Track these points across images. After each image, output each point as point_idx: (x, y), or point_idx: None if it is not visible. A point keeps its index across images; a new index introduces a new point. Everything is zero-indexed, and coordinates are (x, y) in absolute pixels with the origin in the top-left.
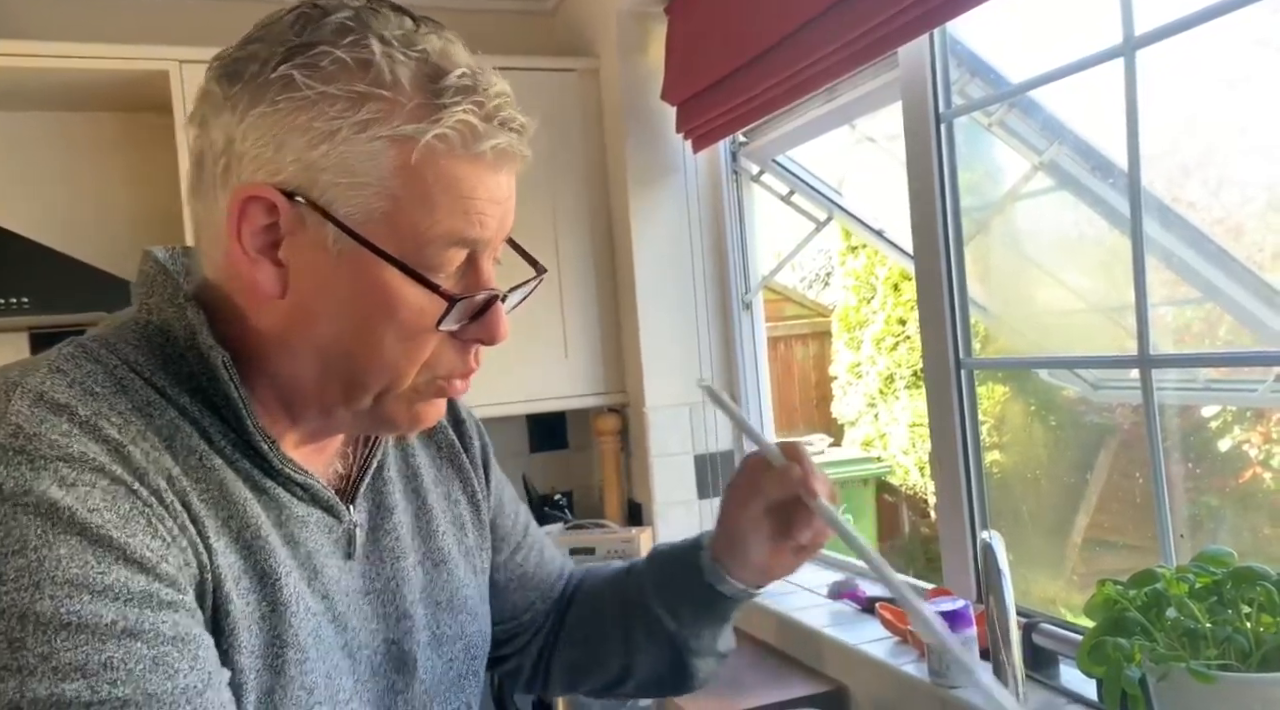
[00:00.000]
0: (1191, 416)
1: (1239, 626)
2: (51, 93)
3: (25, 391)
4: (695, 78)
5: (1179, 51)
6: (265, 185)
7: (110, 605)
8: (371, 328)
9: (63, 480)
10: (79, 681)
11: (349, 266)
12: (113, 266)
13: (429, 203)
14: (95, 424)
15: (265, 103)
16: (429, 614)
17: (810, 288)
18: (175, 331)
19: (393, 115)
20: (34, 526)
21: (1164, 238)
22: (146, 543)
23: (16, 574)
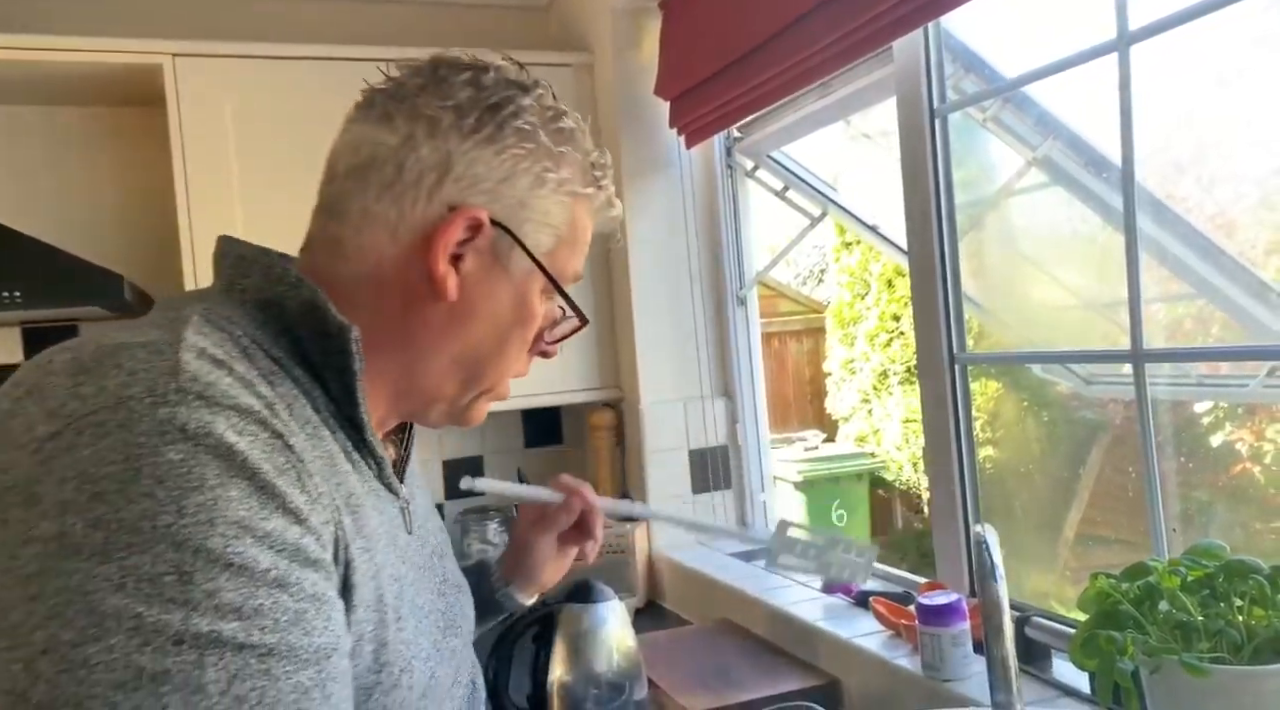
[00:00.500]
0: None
1: (1231, 619)
2: (43, 86)
3: (189, 345)
4: (689, 73)
5: (1173, 48)
6: (483, 209)
7: (267, 552)
8: (509, 335)
9: (234, 426)
10: (235, 622)
11: (515, 284)
12: (105, 260)
13: (574, 248)
14: (250, 381)
15: (498, 143)
16: (453, 594)
17: (805, 284)
18: (288, 306)
19: (575, 178)
20: (212, 466)
21: (1157, 233)
22: (299, 496)
23: (195, 509)
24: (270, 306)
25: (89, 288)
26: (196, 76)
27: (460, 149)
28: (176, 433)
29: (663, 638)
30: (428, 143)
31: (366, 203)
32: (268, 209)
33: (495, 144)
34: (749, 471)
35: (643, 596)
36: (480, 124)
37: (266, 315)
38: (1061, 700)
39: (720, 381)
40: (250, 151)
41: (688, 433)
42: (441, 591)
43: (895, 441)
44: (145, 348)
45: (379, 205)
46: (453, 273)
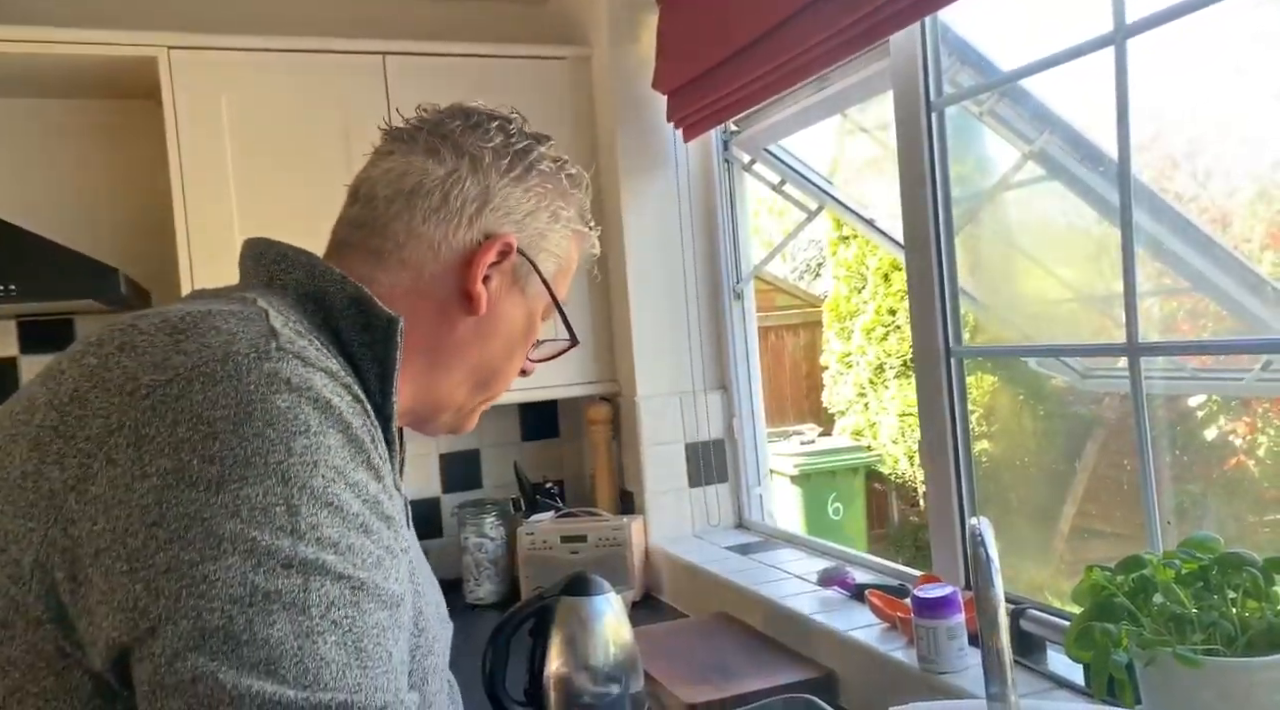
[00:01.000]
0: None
1: (1225, 612)
2: (39, 78)
3: (274, 316)
4: (686, 66)
5: (1170, 42)
6: (512, 236)
7: (355, 499)
8: (516, 349)
9: (327, 386)
10: (333, 555)
11: (527, 305)
12: (101, 254)
13: (567, 276)
14: (324, 354)
15: (526, 183)
16: (439, 592)
17: (801, 278)
18: (333, 300)
19: (576, 217)
20: (314, 415)
21: (1153, 228)
22: (375, 454)
23: (302, 450)
24: (313, 299)
25: (84, 282)
26: (192, 69)
27: (498, 185)
28: (282, 384)
29: (659, 631)
30: (471, 177)
31: (414, 224)
32: (263, 202)
33: (524, 183)
34: (745, 465)
35: (639, 590)
36: (513, 165)
37: (307, 308)
38: (1056, 692)
39: (717, 375)
40: (246, 144)
41: (684, 426)
42: (433, 584)
43: (891, 435)
44: (235, 315)
45: (425, 226)
46: (480, 286)
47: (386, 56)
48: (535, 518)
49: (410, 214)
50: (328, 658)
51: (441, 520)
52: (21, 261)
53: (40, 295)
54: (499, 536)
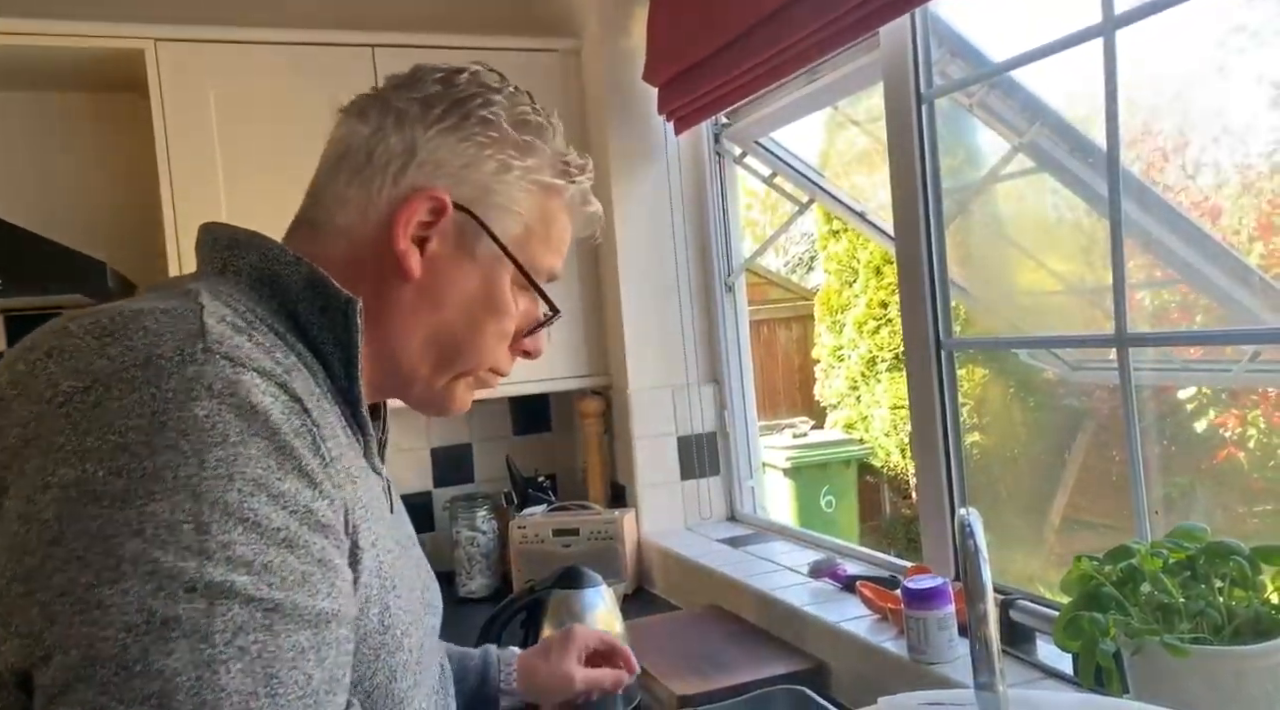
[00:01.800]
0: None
1: (1212, 601)
2: (25, 71)
3: (210, 311)
4: (677, 58)
5: (1158, 34)
6: (445, 191)
7: (279, 512)
8: (480, 321)
9: (258, 387)
10: (246, 575)
11: (483, 270)
12: (88, 247)
13: (548, 242)
14: (268, 348)
15: (462, 132)
16: (425, 576)
17: (794, 272)
18: (288, 283)
19: (544, 168)
20: (235, 424)
21: (1143, 219)
22: (314, 460)
23: (216, 463)
24: (269, 284)
25: (71, 275)
26: (179, 62)
27: (425, 137)
28: (203, 390)
29: (651, 623)
30: (396, 132)
31: (339, 188)
32: (251, 194)
33: (459, 132)
34: (737, 458)
35: (631, 582)
36: (445, 114)
37: (263, 293)
38: (1045, 681)
39: (709, 368)
40: (233, 136)
41: (676, 419)
42: (418, 572)
43: (883, 428)
44: (168, 313)
45: (350, 190)
46: (415, 252)
47: (375, 49)
48: (527, 511)
49: (337, 179)
50: (230, 688)
51: (433, 514)
52: (7, 256)
53: (27, 290)
54: (491, 530)
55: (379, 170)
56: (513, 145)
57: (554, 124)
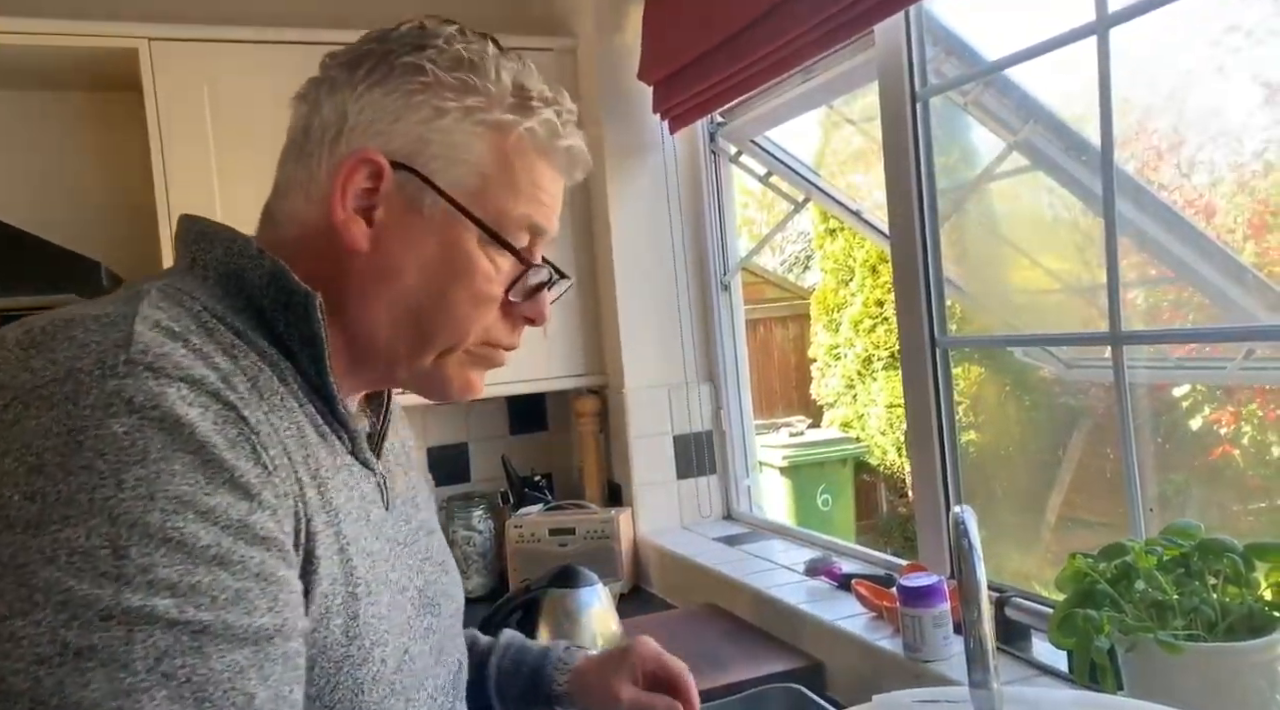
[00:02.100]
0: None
1: (1205, 597)
2: (18, 70)
3: (144, 318)
4: (672, 57)
5: (1152, 32)
6: (377, 151)
7: (209, 529)
8: (447, 288)
9: (184, 399)
10: (168, 599)
11: (438, 231)
12: (83, 247)
13: (513, 187)
14: (207, 353)
15: (387, 84)
16: (434, 573)
17: (790, 271)
18: (250, 278)
19: (492, 106)
20: (156, 439)
21: (1137, 217)
22: (251, 470)
23: (134, 483)
24: (233, 279)
25: (66, 275)
26: (173, 60)
27: (353, 99)
28: (122, 405)
29: (647, 622)
30: (328, 101)
31: (288, 172)
32: (246, 193)
33: (385, 85)
34: (734, 457)
35: (627, 581)
36: (371, 71)
37: (228, 288)
38: (1040, 679)
39: (705, 367)
40: (228, 136)
41: (672, 418)
42: (420, 569)
43: (880, 426)
44: (98, 320)
45: (297, 172)
46: (358, 222)
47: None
48: (523, 511)
49: (287, 164)
50: None
51: None
52: (2, 255)
53: (20, 289)
54: (487, 529)
55: (316, 145)
56: (448, 88)
57: (501, 58)
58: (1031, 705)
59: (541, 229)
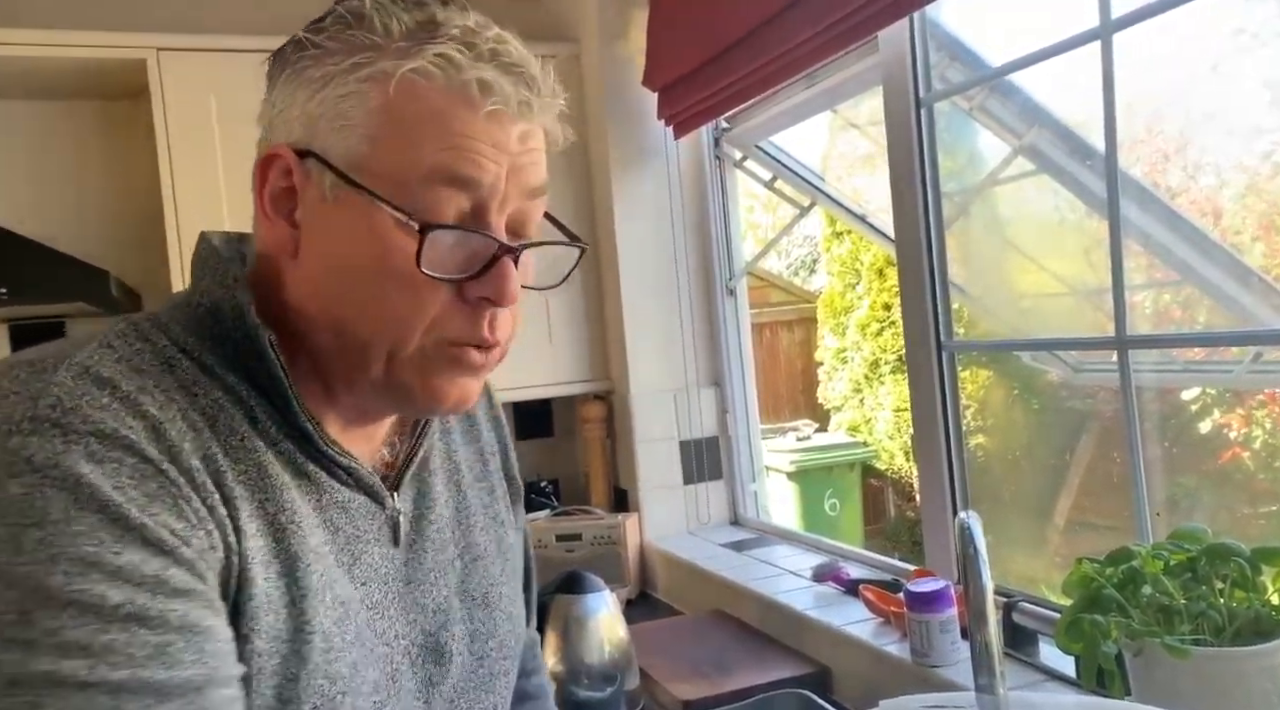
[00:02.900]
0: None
1: (1213, 602)
2: (27, 81)
3: (71, 364)
4: (676, 63)
5: (1157, 36)
6: (280, 144)
7: (120, 588)
8: (368, 277)
9: (92, 456)
10: (79, 660)
11: (345, 214)
12: (91, 256)
13: (410, 139)
14: (136, 400)
15: (286, 70)
16: (465, 608)
17: (796, 274)
18: (224, 311)
19: (378, 59)
20: (57, 500)
21: (1143, 220)
22: (169, 523)
23: (34, 546)
24: (214, 312)
25: (75, 284)
26: (181, 70)
27: (267, 101)
28: (23, 464)
29: (654, 628)
30: (263, 114)
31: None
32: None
33: (285, 73)
34: (740, 462)
35: (634, 587)
36: (279, 66)
37: (210, 321)
38: (1047, 683)
39: (710, 372)
40: (235, 145)
41: (678, 423)
42: (440, 608)
43: (887, 430)
44: (30, 366)
45: (252, 191)
46: (282, 224)
47: None
48: (530, 517)
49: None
50: None
51: None
52: (11, 265)
53: (31, 298)
54: None
55: (257, 156)
56: (333, 53)
57: (416, 12)
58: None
59: (468, 179)
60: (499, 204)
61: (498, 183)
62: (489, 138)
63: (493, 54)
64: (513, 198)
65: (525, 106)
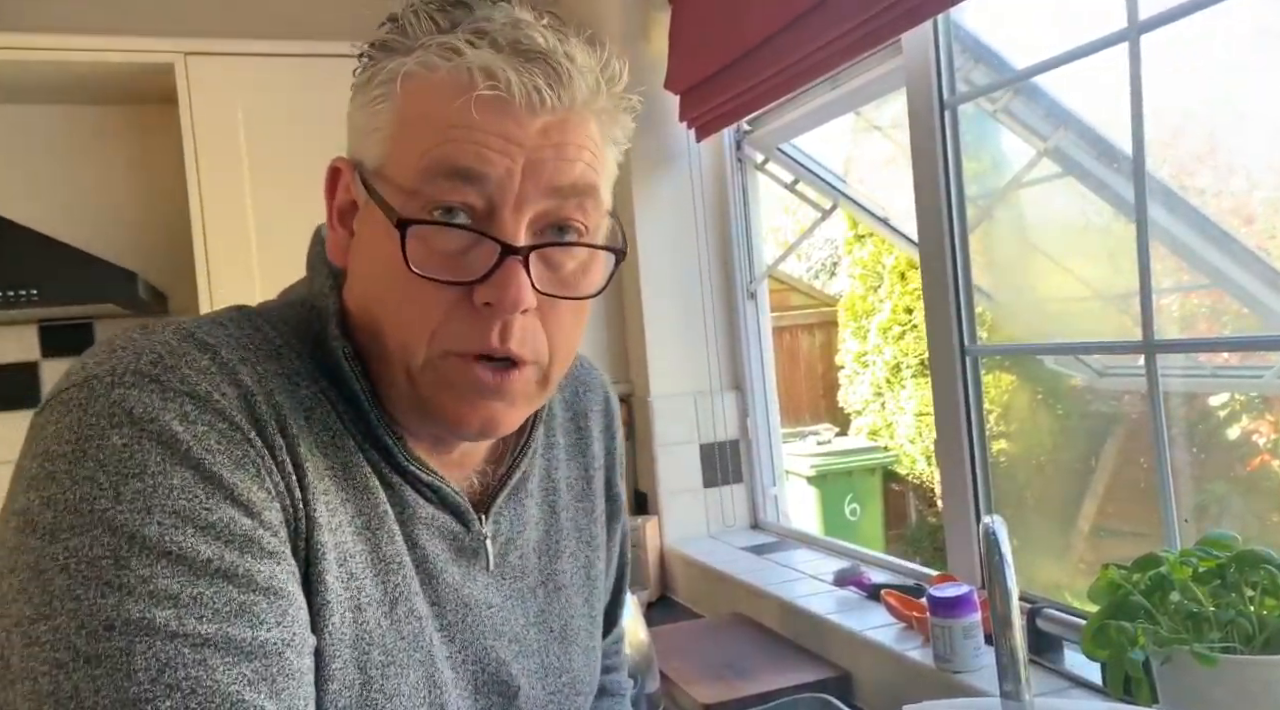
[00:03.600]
0: (1199, 405)
1: (1242, 609)
2: (57, 85)
3: (179, 328)
4: (698, 66)
5: (1185, 37)
6: (341, 158)
7: (210, 543)
8: (379, 285)
9: (185, 416)
10: (170, 610)
11: (371, 220)
12: (120, 258)
13: (416, 135)
14: (234, 369)
15: (353, 84)
16: (541, 641)
17: (817, 277)
18: (323, 315)
19: (396, 68)
20: (154, 453)
21: (1171, 224)
22: (253, 490)
23: (133, 496)
24: (318, 315)
25: (104, 286)
26: (208, 75)
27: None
28: (124, 416)
29: (675, 631)
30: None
31: None
32: (279, 207)
33: (354, 90)
34: (760, 465)
35: (654, 590)
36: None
37: (316, 323)
38: (1073, 690)
39: (731, 375)
40: (261, 149)
41: (698, 426)
42: (518, 637)
43: (909, 435)
44: (142, 328)
45: None
46: (343, 234)
47: None
48: None
49: None
50: None
51: None
52: (42, 266)
53: (61, 299)
54: None
55: None
56: (375, 62)
57: (450, 9)
58: None
59: (469, 171)
60: (515, 203)
61: (508, 179)
62: (495, 129)
63: (512, 42)
64: (533, 196)
65: (538, 94)
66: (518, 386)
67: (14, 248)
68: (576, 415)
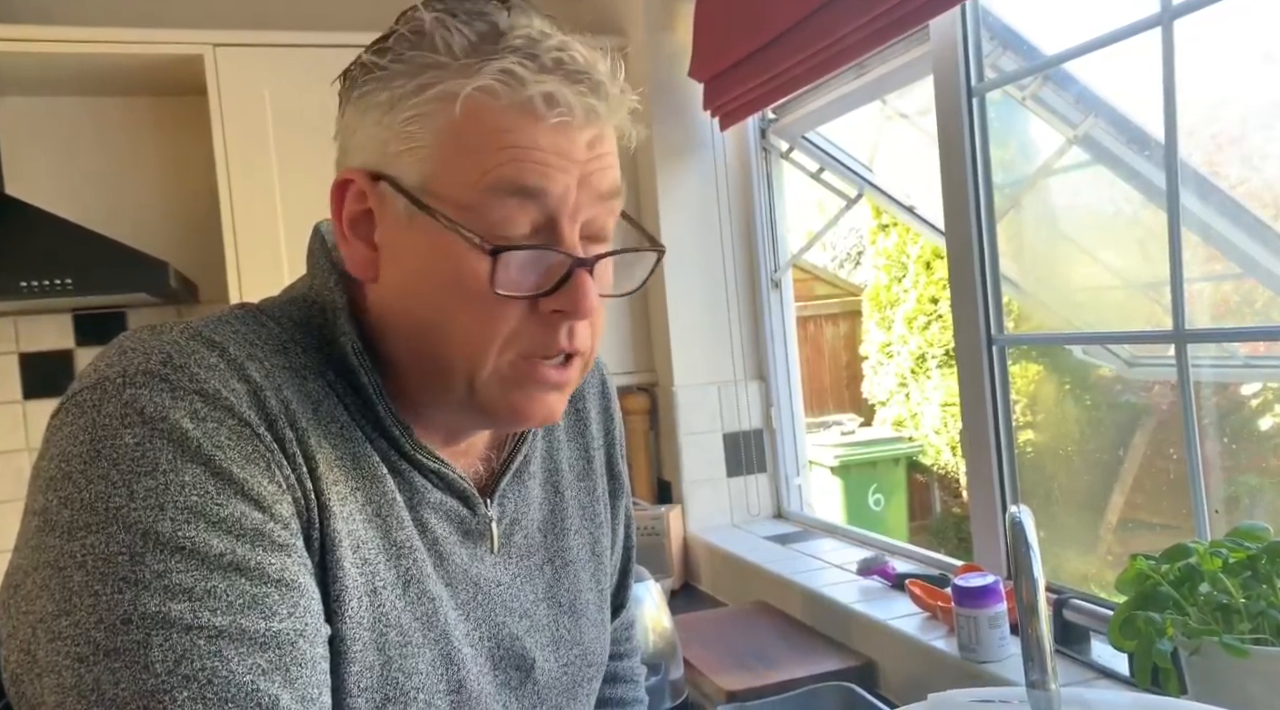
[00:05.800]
0: (1231, 395)
1: (1273, 601)
2: (87, 77)
3: (186, 327)
4: (723, 54)
5: (1218, 22)
6: (353, 169)
7: (222, 537)
8: (443, 301)
9: (195, 414)
10: (184, 603)
11: (420, 237)
12: (151, 247)
13: (477, 156)
14: (242, 365)
15: (355, 92)
16: (551, 615)
17: (841, 267)
18: (329, 311)
19: (442, 77)
20: (165, 451)
21: (1202, 211)
22: (264, 484)
23: (146, 493)
24: (321, 310)
25: (136, 275)
26: (236, 66)
27: (340, 123)
28: (135, 415)
29: (698, 619)
30: (337, 138)
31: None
32: (307, 197)
33: (353, 95)
34: (784, 455)
35: (678, 578)
36: (347, 88)
37: (319, 318)
38: (1100, 681)
39: (755, 365)
40: (289, 140)
41: (722, 416)
42: (527, 613)
43: (933, 425)
44: (154, 328)
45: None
46: (361, 246)
47: None
48: None
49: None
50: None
51: None
52: (76, 256)
53: (94, 289)
54: None
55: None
56: (399, 74)
57: (479, 23)
58: (1091, 707)
59: (535, 190)
60: (571, 213)
61: (568, 193)
62: (555, 148)
63: (556, 63)
64: (585, 206)
65: (592, 113)
66: (574, 376)
67: (49, 239)
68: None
